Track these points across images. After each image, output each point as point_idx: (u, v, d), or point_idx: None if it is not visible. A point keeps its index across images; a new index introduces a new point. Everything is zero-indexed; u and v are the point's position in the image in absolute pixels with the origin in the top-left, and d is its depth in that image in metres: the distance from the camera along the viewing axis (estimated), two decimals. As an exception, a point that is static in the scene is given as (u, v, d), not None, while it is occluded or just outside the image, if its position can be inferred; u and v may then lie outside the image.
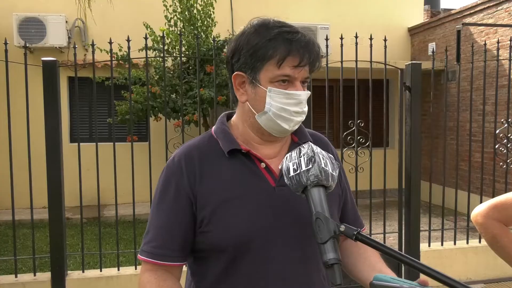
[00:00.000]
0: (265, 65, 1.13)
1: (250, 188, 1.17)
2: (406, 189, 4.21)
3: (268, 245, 1.15)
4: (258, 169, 1.20)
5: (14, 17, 7.43)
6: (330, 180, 1.02)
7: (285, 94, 1.15)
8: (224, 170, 1.18)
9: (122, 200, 4.30)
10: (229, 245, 1.14)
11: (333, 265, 0.92)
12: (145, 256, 1.17)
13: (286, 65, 1.12)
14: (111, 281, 3.71)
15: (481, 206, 1.70)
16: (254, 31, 1.15)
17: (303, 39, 1.13)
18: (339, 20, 8.51)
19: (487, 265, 4.35)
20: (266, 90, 1.15)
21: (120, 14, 7.80)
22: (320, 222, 0.96)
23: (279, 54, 1.11)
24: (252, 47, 1.14)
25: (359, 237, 0.95)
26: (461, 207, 4.82)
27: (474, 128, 6.46)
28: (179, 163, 1.19)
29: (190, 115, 6.36)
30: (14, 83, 3.63)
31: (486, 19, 7.54)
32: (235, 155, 1.19)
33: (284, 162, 1.07)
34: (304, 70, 1.15)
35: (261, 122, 1.19)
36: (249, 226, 1.14)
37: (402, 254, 0.94)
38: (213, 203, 1.15)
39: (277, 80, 1.14)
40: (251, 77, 1.16)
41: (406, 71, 4.15)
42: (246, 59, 1.15)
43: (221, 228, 1.14)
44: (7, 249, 5.56)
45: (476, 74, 6.43)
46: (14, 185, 3.60)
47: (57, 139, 3.51)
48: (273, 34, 1.12)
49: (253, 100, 1.18)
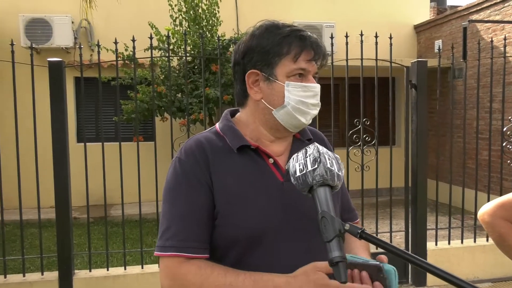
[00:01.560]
0: (282, 60, 1.19)
1: (260, 183, 1.20)
2: (412, 188, 4.19)
3: (278, 238, 1.19)
4: (267, 165, 1.23)
5: (20, 18, 7.47)
6: (336, 180, 1.04)
7: (303, 87, 1.20)
8: (234, 165, 1.21)
9: (128, 199, 4.32)
10: (241, 238, 1.17)
11: (338, 263, 0.94)
12: (172, 251, 1.13)
13: (301, 59, 1.19)
14: (117, 280, 3.73)
15: (488, 205, 1.69)
16: (266, 31, 1.22)
17: (313, 37, 1.22)
18: (344, 18, 8.48)
19: (495, 263, 4.32)
20: (284, 84, 1.20)
21: (125, 14, 7.82)
22: (326, 221, 0.98)
23: (295, 49, 1.18)
24: (267, 44, 1.20)
25: (363, 235, 0.98)
26: (468, 206, 4.79)
27: (481, 125, 6.43)
28: (192, 154, 1.20)
29: (195, 114, 6.37)
30: (21, 83, 3.66)
31: (493, 16, 7.49)
32: (244, 151, 1.22)
33: (290, 163, 1.09)
34: (315, 65, 1.21)
35: (278, 117, 1.22)
36: (261, 220, 1.17)
37: (406, 253, 0.95)
38: (225, 196, 1.17)
39: (293, 74, 1.20)
40: (267, 74, 1.21)
41: (412, 69, 4.13)
42: (261, 56, 1.20)
43: (233, 222, 1.16)
44: (15, 248, 5.60)
45: (483, 72, 6.38)
46: (21, 185, 3.63)
47: (64, 139, 3.53)
48: (286, 32, 1.20)
49: (269, 96, 1.22)
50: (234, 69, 1.28)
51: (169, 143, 3.77)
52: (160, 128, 4.91)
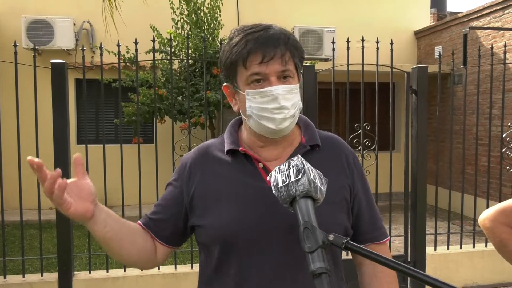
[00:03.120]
0: (238, 70, 1.18)
1: (243, 186, 1.21)
2: (412, 193, 4.20)
3: (255, 243, 1.17)
4: (256, 169, 1.23)
5: (22, 19, 7.50)
6: (319, 193, 1.02)
7: (259, 93, 1.16)
8: (223, 168, 1.25)
9: (128, 201, 4.32)
10: (217, 239, 1.20)
11: (321, 275, 0.88)
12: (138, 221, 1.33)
13: (251, 63, 1.15)
14: (117, 281, 3.73)
15: (489, 210, 1.70)
16: (227, 42, 1.22)
17: (264, 35, 1.15)
18: (345, 23, 8.51)
19: (493, 269, 4.33)
20: (245, 93, 1.19)
21: (127, 16, 7.84)
22: (308, 231, 0.94)
23: (241, 56, 1.15)
24: (225, 57, 1.20)
25: (348, 246, 0.94)
26: (467, 211, 4.80)
27: (480, 131, 6.44)
28: (186, 157, 1.32)
29: (196, 117, 6.39)
30: (21, 84, 3.66)
31: (493, 23, 7.52)
32: (237, 155, 1.25)
33: (272, 174, 1.06)
34: (274, 64, 1.14)
35: (251, 126, 1.23)
36: (236, 222, 1.17)
37: (396, 262, 0.91)
38: (208, 197, 1.22)
39: (251, 81, 1.17)
40: (233, 85, 1.23)
41: (413, 75, 4.14)
42: (225, 70, 1.23)
43: (210, 224, 1.20)
44: (14, 249, 5.60)
45: (483, 78, 6.41)
46: (21, 186, 3.63)
47: (65, 140, 3.54)
48: (235, 41, 1.17)
49: (241, 107, 1.24)
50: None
51: (168, 146, 3.78)
52: (159, 131, 4.92)
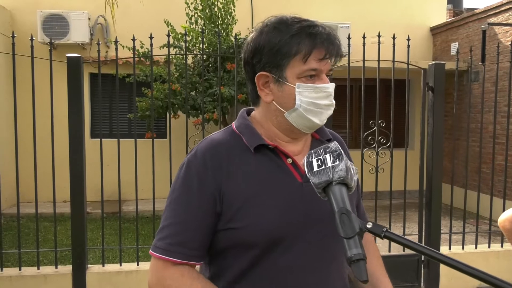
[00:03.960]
0: (291, 61, 1.13)
1: (279, 184, 1.16)
2: (427, 191, 4.15)
3: (297, 241, 1.15)
4: (285, 165, 1.19)
5: (38, 13, 7.56)
6: (353, 181, 1.01)
7: (314, 88, 1.14)
8: (252, 165, 1.16)
9: (141, 195, 4.34)
10: (260, 240, 1.12)
11: (358, 261, 0.89)
12: (159, 253, 1.13)
13: (312, 59, 1.12)
14: (130, 275, 3.75)
15: (509, 211, 1.66)
16: (274, 29, 1.14)
17: (324, 32, 1.14)
18: (360, 19, 8.43)
19: (509, 269, 4.26)
20: (295, 86, 1.14)
21: (141, 11, 7.86)
22: (345, 217, 0.93)
23: (305, 49, 1.11)
24: (275, 45, 1.13)
25: (388, 235, 0.92)
26: (483, 211, 4.73)
27: (497, 130, 6.33)
28: (203, 158, 1.16)
29: (209, 113, 6.39)
30: (37, 79, 3.69)
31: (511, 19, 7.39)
32: (261, 150, 1.18)
33: (307, 158, 1.04)
34: (328, 63, 1.15)
35: (291, 120, 1.18)
36: (281, 222, 1.13)
37: (435, 251, 0.90)
38: (242, 198, 1.13)
39: (304, 76, 1.14)
40: (277, 76, 1.15)
41: (429, 71, 4.09)
42: (269, 58, 1.14)
43: (252, 224, 1.12)
44: (29, 241, 5.67)
45: (501, 75, 6.30)
46: (37, 179, 3.66)
47: (80, 134, 3.56)
48: (294, 29, 1.12)
49: (280, 99, 1.17)
50: (245, 68, 1.23)
51: (182, 141, 3.78)
52: (172, 126, 4.93)
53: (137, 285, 3.75)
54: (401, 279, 4.17)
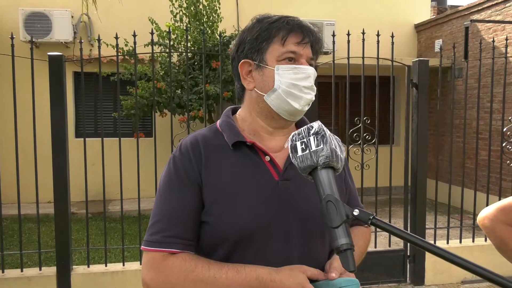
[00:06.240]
0: (270, 44, 1.18)
1: (253, 181, 1.16)
2: (412, 187, 4.19)
3: (268, 239, 1.14)
4: (262, 162, 1.19)
5: (20, 12, 7.43)
6: (340, 163, 0.99)
7: (293, 69, 1.18)
8: (228, 162, 1.18)
9: (127, 195, 4.30)
10: (230, 237, 1.13)
11: (346, 251, 0.88)
12: (155, 247, 1.12)
13: (289, 42, 1.17)
14: (116, 276, 3.72)
15: (488, 209, 1.64)
16: (257, 21, 1.22)
17: (303, 22, 1.21)
18: (345, 16, 8.46)
19: (493, 263, 4.30)
20: (274, 69, 1.18)
21: (125, 9, 7.79)
22: (331, 205, 0.91)
23: (282, 31, 1.17)
24: (256, 31, 1.20)
25: (374, 222, 0.90)
26: (467, 205, 4.79)
27: (481, 125, 6.42)
28: (186, 151, 1.19)
29: (195, 111, 6.35)
30: (19, 78, 3.63)
31: (494, 16, 7.48)
32: (240, 148, 1.19)
33: (290, 141, 1.02)
34: (308, 48, 1.19)
35: (270, 103, 1.20)
36: (251, 219, 1.13)
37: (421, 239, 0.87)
38: (215, 194, 1.15)
39: (283, 58, 1.18)
40: (258, 61, 1.20)
41: (413, 68, 4.12)
42: (251, 44, 1.20)
43: (222, 220, 1.13)
44: (12, 243, 5.59)
45: (484, 72, 6.38)
46: (19, 179, 3.61)
47: (63, 133, 3.52)
48: (274, 19, 1.20)
49: (261, 83, 1.21)
50: (232, 65, 1.28)
51: (168, 139, 3.75)
52: (159, 124, 4.89)
53: (123, 286, 3.72)
54: (387, 275, 4.21)
